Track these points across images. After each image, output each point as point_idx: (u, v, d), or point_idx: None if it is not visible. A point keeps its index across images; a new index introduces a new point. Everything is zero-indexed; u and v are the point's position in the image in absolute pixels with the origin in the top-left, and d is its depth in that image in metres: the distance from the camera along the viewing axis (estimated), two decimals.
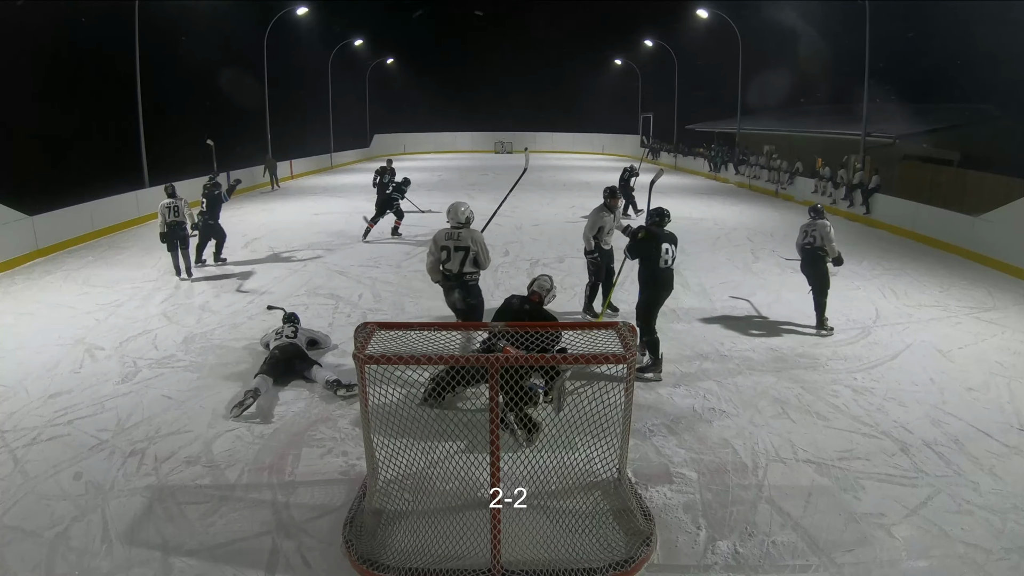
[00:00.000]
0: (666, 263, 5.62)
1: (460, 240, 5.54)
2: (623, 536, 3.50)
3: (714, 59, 28.18)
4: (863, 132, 16.83)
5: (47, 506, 3.79)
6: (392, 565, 3.22)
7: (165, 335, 6.73)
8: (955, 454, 4.40)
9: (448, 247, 5.55)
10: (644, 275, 5.73)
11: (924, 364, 6.02)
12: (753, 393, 5.37)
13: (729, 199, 18.37)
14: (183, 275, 9.07)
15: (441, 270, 5.64)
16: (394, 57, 37.32)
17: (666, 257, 5.61)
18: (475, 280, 5.68)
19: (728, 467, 4.25)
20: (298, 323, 6.11)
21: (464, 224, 5.62)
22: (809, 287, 7.03)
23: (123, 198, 13.64)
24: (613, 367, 3.48)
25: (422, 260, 10.15)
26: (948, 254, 11.02)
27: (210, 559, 3.36)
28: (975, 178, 14.65)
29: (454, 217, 5.63)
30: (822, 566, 3.32)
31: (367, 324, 3.51)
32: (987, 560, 3.36)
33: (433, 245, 5.63)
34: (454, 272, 5.57)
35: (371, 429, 3.47)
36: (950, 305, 7.97)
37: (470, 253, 5.53)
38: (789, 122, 25.09)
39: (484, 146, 37.25)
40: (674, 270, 5.76)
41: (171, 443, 4.52)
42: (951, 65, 19.59)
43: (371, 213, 12.18)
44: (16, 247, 10.04)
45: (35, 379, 5.60)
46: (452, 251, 5.54)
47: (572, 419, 3.54)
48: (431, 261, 5.68)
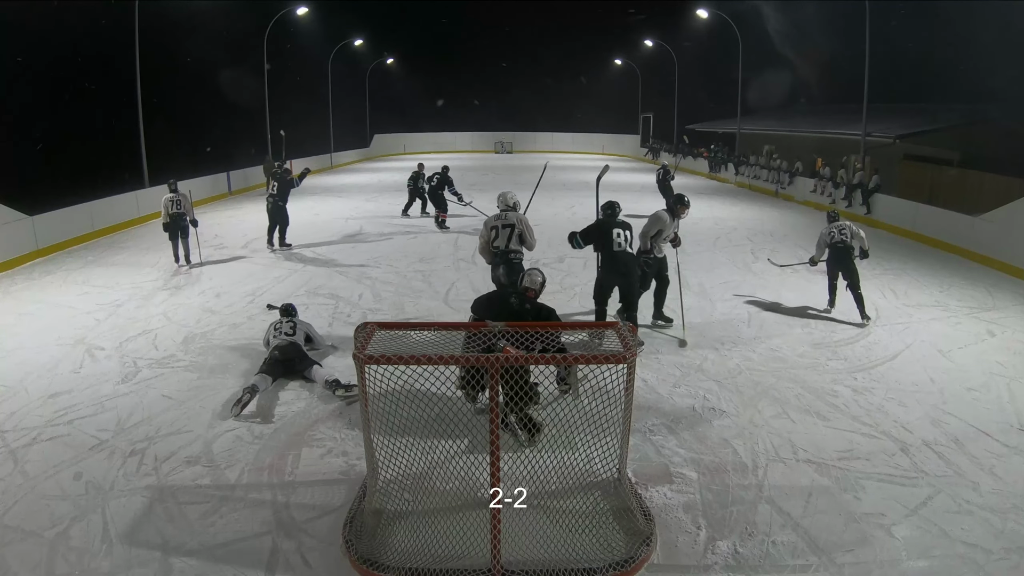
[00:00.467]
0: (619, 245, 6.14)
1: (507, 219, 6.37)
2: (623, 536, 3.50)
3: (714, 59, 28.18)
4: (863, 132, 16.83)
5: (47, 506, 3.79)
6: (392, 565, 3.22)
7: (165, 335, 6.74)
8: (955, 454, 4.40)
9: (496, 226, 6.38)
10: (601, 259, 6.36)
11: (924, 364, 6.02)
12: (753, 393, 5.37)
13: (729, 199, 18.38)
14: (182, 263, 9.71)
15: (492, 249, 6.38)
16: (394, 57, 37.32)
17: (618, 240, 6.14)
18: (519, 259, 6.39)
19: (728, 467, 4.25)
20: (295, 315, 6.08)
21: (511, 207, 6.47)
22: (845, 282, 7.26)
23: (123, 198, 13.63)
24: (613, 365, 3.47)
25: (422, 260, 10.19)
26: (948, 254, 11.02)
27: (210, 559, 3.36)
28: (975, 178, 14.64)
29: (503, 201, 6.52)
30: (822, 566, 3.32)
31: (367, 324, 3.51)
32: (987, 560, 3.36)
33: (484, 228, 6.46)
34: (501, 248, 6.35)
35: (371, 429, 3.47)
36: (950, 305, 7.97)
37: (515, 230, 6.32)
38: (789, 122, 25.07)
39: (484, 146, 37.24)
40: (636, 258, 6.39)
41: (171, 443, 4.52)
42: (951, 65, 19.58)
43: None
44: (16, 247, 10.04)
45: (35, 379, 5.60)
46: (500, 229, 6.36)
47: (572, 419, 3.54)
48: (481, 243, 6.51)
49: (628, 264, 6.21)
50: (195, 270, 9.53)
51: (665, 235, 6.74)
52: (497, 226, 6.36)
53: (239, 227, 13.22)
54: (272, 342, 5.67)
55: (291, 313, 6.07)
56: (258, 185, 20.04)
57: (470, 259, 10.25)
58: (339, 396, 5.15)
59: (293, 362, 5.48)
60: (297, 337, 5.71)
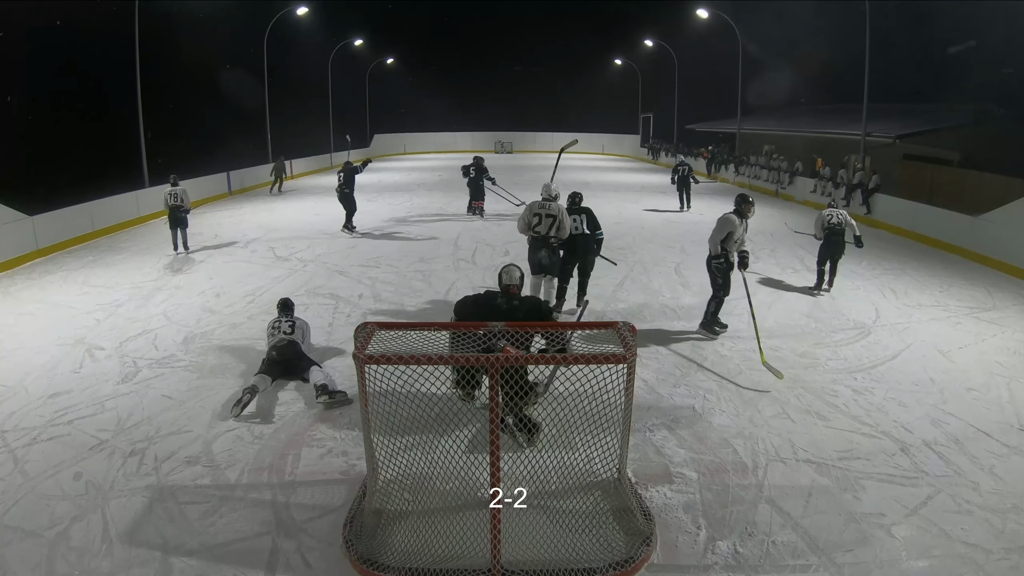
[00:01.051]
0: (577, 229, 7.13)
1: (550, 210, 6.96)
2: (623, 536, 3.50)
3: (714, 59, 28.18)
4: (863, 132, 16.83)
5: (47, 506, 3.79)
6: (392, 565, 3.22)
7: (165, 335, 6.73)
8: (955, 454, 4.40)
9: (540, 214, 6.96)
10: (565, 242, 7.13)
11: (924, 364, 6.02)
12: (753, 393, 5.37)
13: (729, 199, 18.33)
14: (179, 250, 10.66)
15: (531, 232, 7.02)
16: (394, 57, 37.32)
17: (575, 225, 7.11)
18: (557, 243, 7.08)
19: (728, 467, 4.25)
20: (293, 312, 5.93)
21: (553, 198, 7.05)
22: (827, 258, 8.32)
23: (123, 198, 13.64)
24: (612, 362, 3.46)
25: (422, 260, 10.20)
26: (948, 254, 11.02)
27: (210, 559, 3.36)
28: (975, 178, 14.64)
29: (546, 192, 7.10)
30: (822, 566, 3.32)
31: (367, 324, 3.50)
32: (987, 560, 3.36)
33: (527, 212, 7.07)
34: (543, 234, 6.98)
35: (371, 429, 3.47)
36: (950, 305, 7.96)
37: (556, 220, 6.93)
38: (789, 122, 25.07)
39: (484, 146, 37.22)
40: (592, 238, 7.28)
41: (171, 443, 4.52)
42: (951, 65, 19.58)
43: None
44: (16, 247, 10.05)
45: (35, 379, 5.60)
46: (543, 218, 6.95)
47: (572, 419, 3.54)
48: (522, 224, 7.12)
49: (586, 245, 7.25)
50: (195, 270, 9.53)
51: (736, 237, 6.67)
52: (541, 214, 6.95)
53: (239, 227, 13.22)
54: (270, 341, 5.63)
55: (289, 309, 5.91)
56: (258, 185, 20.06)
57: (470, 259, 10.26)
58: (320, 402, 5.06)
59: (292, 363, 5.45)
60: (296, 336, 5.64)
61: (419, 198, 17.86)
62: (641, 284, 8.80)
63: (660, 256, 10.58)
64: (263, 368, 5.37)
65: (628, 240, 11.52)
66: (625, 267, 9.66)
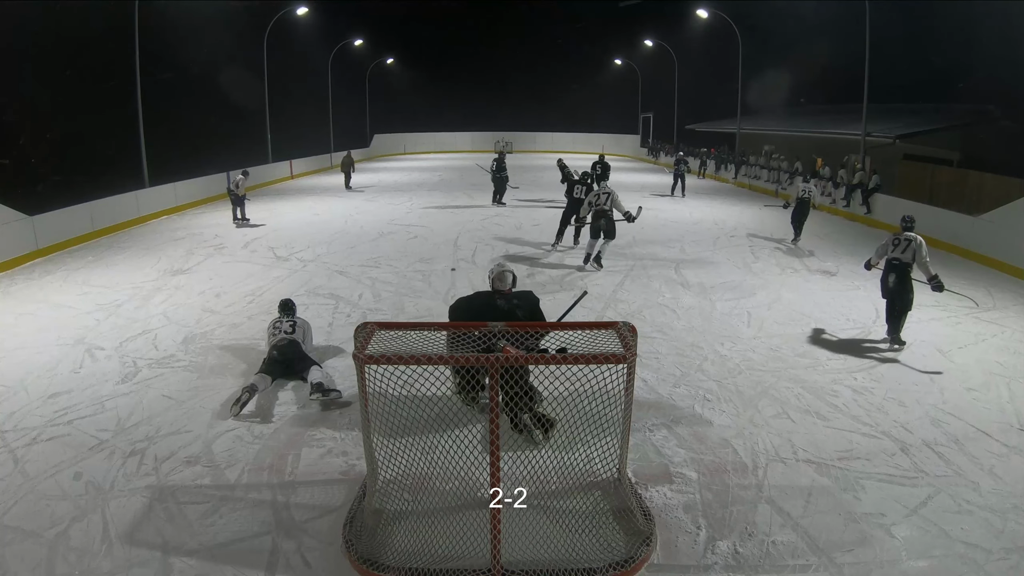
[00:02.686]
0: (576, 195, 10.76)
1: (605, 189, 9.69)
2: (623, 536, 3.50)
3: (714, 59, 28.18)
4: (863, 132, 16.83)
5: (47, 506, 3.79)
6: (392, 565, 3.22)
7: (165, 335, 6.73)
8: (955, 454, 4.40)
9: (599, 193, 9.60)
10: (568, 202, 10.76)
11: (924, 364, 6.02)
12: (753, 393, 5.37)
13: (729, 199, 18.38)
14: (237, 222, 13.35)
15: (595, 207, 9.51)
16: (394, 57, 37.31)
17: (577, 192, 10.79)
18: (611, 215, 9.45)
19: (728, 467, 4.25)
20: (294, 312, 5.92)
21: (607, 193, 9.59)
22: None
23: (123, 198, 13.63)
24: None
25: (422, 260, 10.20)
26: (948, 254, 11.02)
27: (210, 559, 3.36)
28: (975, 178, 14.64)
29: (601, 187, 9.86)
30: (822, 566, 3.32)
31: (367, 324, 3.50)
32: (987, 560, 3.36)
33: (593, 195, 9.68)
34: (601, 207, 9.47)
35: (371, 429, 3.46)
36: (950, 305, 7.95)
37: (611, 197, 9.53)
38: (789, 122, 25.07)
39: (484, 146, 37.25)
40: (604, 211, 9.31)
41: (171, 443, 4.52)
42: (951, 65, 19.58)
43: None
44: (16, 247, 10.04)
45: (35, 379, 5.60)
46: (601, 194, 9.56)
47: (572, 419, 3.54)
48: (586, 204, 9.73)
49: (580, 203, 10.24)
50: (195, 270, 9.54)
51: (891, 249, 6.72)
52: (599, 193, 9.60)
53: (239, 227, 13.22)
54: (271, 341, 5.63)
55: (290, 309, 5.91)
56: (258, 185, 20.05)
57: (470, 259, 10.26)
58: (312, 399, 5.07)
59: (292, 362, 5.45)
60: (297, 335, 5.65)
61: (419, 198, 17.86)
62: (641, 284, 8.80)
63: (660, 256, 10.59)
64: (263, 368, 5.37)
65: (628, 240, 11.52)
66: (625, 267, 9.68)
